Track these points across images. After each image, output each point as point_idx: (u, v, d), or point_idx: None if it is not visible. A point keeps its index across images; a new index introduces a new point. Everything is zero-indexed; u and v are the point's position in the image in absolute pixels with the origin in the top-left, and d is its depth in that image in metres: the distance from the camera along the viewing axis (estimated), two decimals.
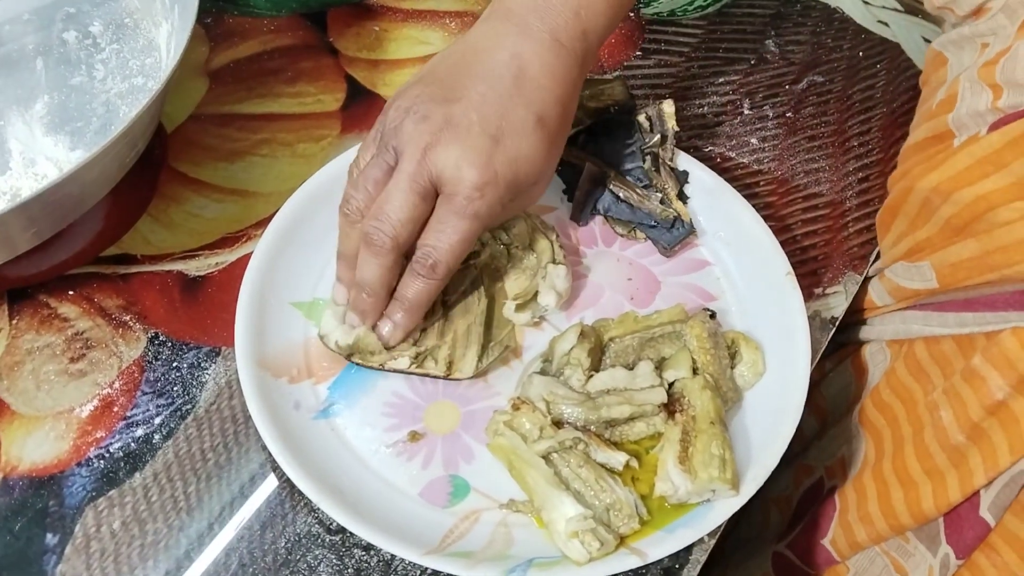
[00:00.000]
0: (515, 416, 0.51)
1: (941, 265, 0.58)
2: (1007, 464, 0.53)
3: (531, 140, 0.51)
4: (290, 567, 0.50)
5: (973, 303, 0.57)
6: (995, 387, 0.54)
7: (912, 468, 0.58)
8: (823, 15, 0.83)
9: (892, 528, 0.59)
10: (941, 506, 0.56)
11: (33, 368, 0.56)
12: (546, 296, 0.57)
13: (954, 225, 0.57)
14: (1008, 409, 0.53)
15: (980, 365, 0.55)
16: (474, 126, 0.49)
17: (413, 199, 0.50)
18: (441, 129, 0.49)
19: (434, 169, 0.49)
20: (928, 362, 0.60)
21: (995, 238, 0.54)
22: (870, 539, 0.61)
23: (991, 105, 0.57)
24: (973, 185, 0.56)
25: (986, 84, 0.58)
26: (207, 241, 0.63)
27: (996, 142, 0.55)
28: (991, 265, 0.54)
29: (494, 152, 0.49)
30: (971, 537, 0.56)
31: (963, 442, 0.55)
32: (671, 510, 0.50)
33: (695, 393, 0.53)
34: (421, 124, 0.50)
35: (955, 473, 0.55)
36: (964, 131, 0.59)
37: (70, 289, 0.60)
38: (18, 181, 0.59)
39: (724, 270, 0.62)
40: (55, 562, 0.49)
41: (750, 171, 0.71)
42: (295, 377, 0.54)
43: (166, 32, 0.65)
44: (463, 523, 0.50)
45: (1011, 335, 0.54)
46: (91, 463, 0.53)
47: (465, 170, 0.49)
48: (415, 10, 0.79)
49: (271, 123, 0.70)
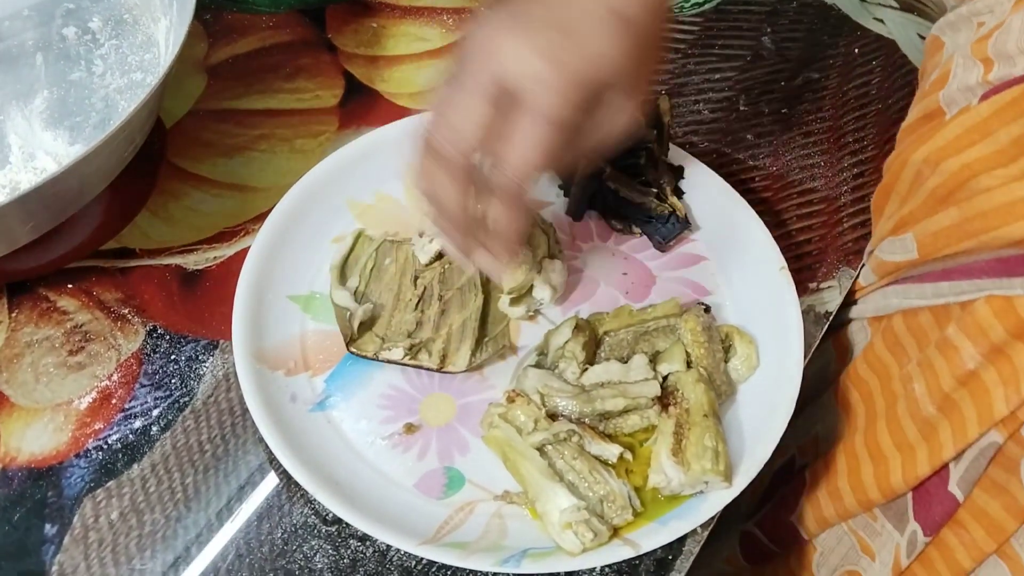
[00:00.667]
0: (510, 408, 0.52)
1: (923, 235, 0.58)
2: (975, 435, 0.53)
3: (607, 34, 0.45)
4: (286, 557, 0.50)
5: (950, 272, 0.57)
6: (967, 356, 0.54)
7: (883, 442, 0.58)
8: (819, 12, 0.84)
9: (860, 503, 0.59)
10: (910, 480, 0.56)
11: (32, 360, 0.57)
12: (541, 290, 0.58)
13: (938, 195, 0.57)
14: (978, 379, 0.53)
15: (953, 335, 0.55)
16: (538, 20, 0.45)
17: (478, 103, 0.44)
18: (502, 27, 0.45)
19: (499, 68, 0.44)
20: (905, 335, 0.60)
21: (974, 205, 0.53)
22: (838, 515, 0.61)
23: (981, 79, 0.56)
24: (960, 154, 0.55)
25: (978, 59, 0.57)
26: (205, 235, 0.63)
27: (984, 111, 0.55)
28: (969, 232, 0.54)
29: (564, 44, 0.44)
30: (939, 513, 0.56)
31: (934, 414, 0.55)
32: (664, 502, 0.51)
33: (689, 386, 0.53)
34: (483, 28, 0.45)
35: (925, 446, 0.55)
36: (954, 106, 0.59)
37: (69, 282, 0.60)
38: (17, 175, 0.60)
39: (719, 265, 0.62)
40: (53, 552, 0.50)
41: (745, 167, 0.71)
42: (292, 370, 0.55)
43: (165, 28, 0.66)
44: (458, 514, 0.50)
45: (984, 303, 0.53)
46: (89, 454, 0.53)
47: (534, 64, 0.43)
48: (413, 7, 0.80)
49: (269, 119, 0.71)
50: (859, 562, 0.62)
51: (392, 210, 0.63)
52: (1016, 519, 0.53)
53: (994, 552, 0.54)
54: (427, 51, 0.77)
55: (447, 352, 0.56)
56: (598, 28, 0.45)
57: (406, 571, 0.50)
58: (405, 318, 0.57)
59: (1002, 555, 0.54)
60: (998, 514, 0.54)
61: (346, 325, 0.56)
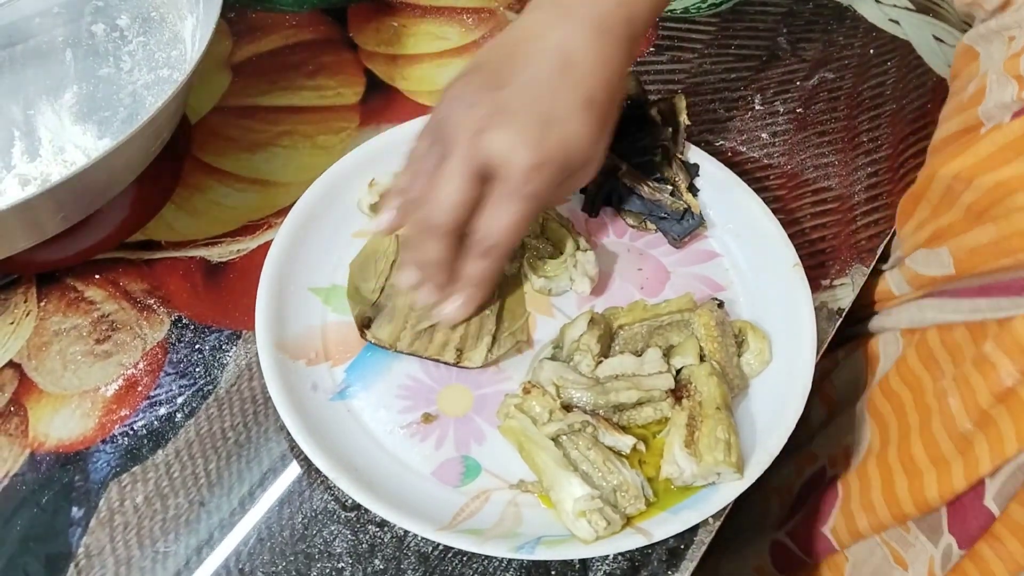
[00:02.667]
0: (526, 399, 0.53)
1: (959, 250, 0.58)
2: (1014, 452, 0.53)
3: (580, 122, 0.51)
4: (307, 542, 0.51)
5: (988, 289, 0.57)
6: (1005, 374, 0.53)
7: (918, 456, 0.58)
8: (835, 13, 0.84)
9: (894, 516, 0.59)
10: (945, 494, 0.56)
11: (60, 349, 0.58)
12: (581, 283, 0.59)
13: (974, 211, 0.57)
14: (1017, 396, 0.53)
15: (991, 351, 0.55)
16: (524, 110, 0.50)
17: (466, 183, 0.50)
18: (491, 115, 0.50)
19: (486, 153, 0.50)
20: (940, 349, 0.60)
21: (1012, 223, 0.54)
22: (871, 527, 0.61)
23: (1016, 96, 0.57)
24: (994, 171, 0.56)
25: (1011, 76, 0.57)
26: (229, 229, 0.65)
27: (1017, 129, 0.55)
28: (1007, 249, 0.54)
29: (545, 134, 0.50)
30: (975, 527, 0.56)
31: (970, 430, 0.55)
32: (676, 492, 0.52)
33: (702, 379, 0.54)
34: (471, 111, 0.50)
35: (961, 461, 0.55)
36: (992, 122, 0.59)
37: (96, 273, 0.62)
38: (48, 167, 0.61)
39: (733, 261, 0.63)
40: (80, 534, 0.51)
41: (760, 165, 0.72)
42: (313, 360, 0.56)
43: (191, 25, 0.67)
44: (474, 502, 0.51)
45: (1023, 321, 0.53)
46: (115, 440, 0.54)
47: (519, 152, 0.49)
48: (433, 6, 0.81)
49: (292, 115, 0.72)
50: (891, 574, 0.62)
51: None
52: None
53: None
54: (447, 50, 0.78)
55: (464, 348, 0.57)
56: (575, 116, 0.51)
57: (423, 556, 0.51)
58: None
59: None
60: None
61: (362, 311, 0.57)
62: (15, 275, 0.61)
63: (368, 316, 0.57)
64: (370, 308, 0.57)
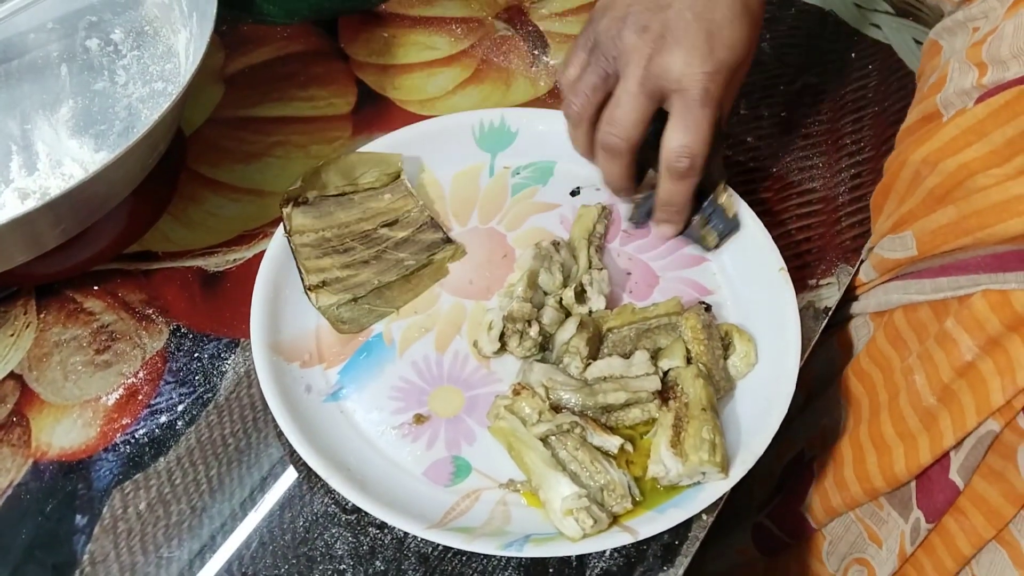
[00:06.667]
0: (515, 401, 0.54)
1: (922, 233, 0.60)
2: (974, 424, 0.54)
3: (741, 25, 0.57)
4: (308, 545, 0.52)
5: (948, 268, 0.58)
6: (965, 348, 0.55)
7: (887, 432, 0.60)
8: (817, 18, 0.85)
9: (866, 492, 0.61)
10: (912, 468, 0.57)
11: (60, 359, 0.59)
12: (597, 301, 0.60)
13: (936, 194, 0.59)
14: (976, 370, 0.55)
15: (952, 328, 0.56)
16: (691, 25, 0.55)
17: (643, 102, 0.56)
18: (662, 36, 0.56)
19: (663, 73, 0.55)
20: (906, 329, 0.62)
21: (971, 203, 0.55)
22: (845, 504, 0.63)
23: (976, 82, 0.58)
24: (957, 155, 0.57)
25: (973, 63, 0.59)
26: (225, 238, 0.66)
27: (980, 113, 0.56)
28: (966, 229, 0.56)
29: (712, 45, 0.55)
30: (941, 500, 0.57)
31: (934, 404, 0.57)
32: (663, 491, 0.53)
33: (688, 381, 0.55)
34: (643, 35, 0.56)
35: (926, 435, 0.57)
36: (951, 108, 0.60)
37: (95, 284, 0.63)
38: (46, 181, 0.62)
39: (720, 266, 0.64)
40: (84, 542, 0.52)
41: (746, 168, 0.73)
42: (307, 362, 0.57)
43: (185, 39, 0.68)
44: (464, 501, 0.53)
45: (981, 297, 0.55)
46: (117, 448, 0.56)
47: (695, 66, 0.55)
48: (423, 17, 0.82)
49: (285, 126, 0.73)
50: (867, 550, 0.64)
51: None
52: (1013, 505, 0.55)
53: (993, 538, 0.56)
54: (436, 59, 0.79)
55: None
56: (734, 22, 0.57)
57: (423, 557, 0.52)
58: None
59: (1001, 541, 0.56)
60: (996, 500, 0.55)
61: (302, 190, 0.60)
62: (15, 287, 0.62)
63: (304, 198, 0.58)
64: (315, 199, 0.59)
